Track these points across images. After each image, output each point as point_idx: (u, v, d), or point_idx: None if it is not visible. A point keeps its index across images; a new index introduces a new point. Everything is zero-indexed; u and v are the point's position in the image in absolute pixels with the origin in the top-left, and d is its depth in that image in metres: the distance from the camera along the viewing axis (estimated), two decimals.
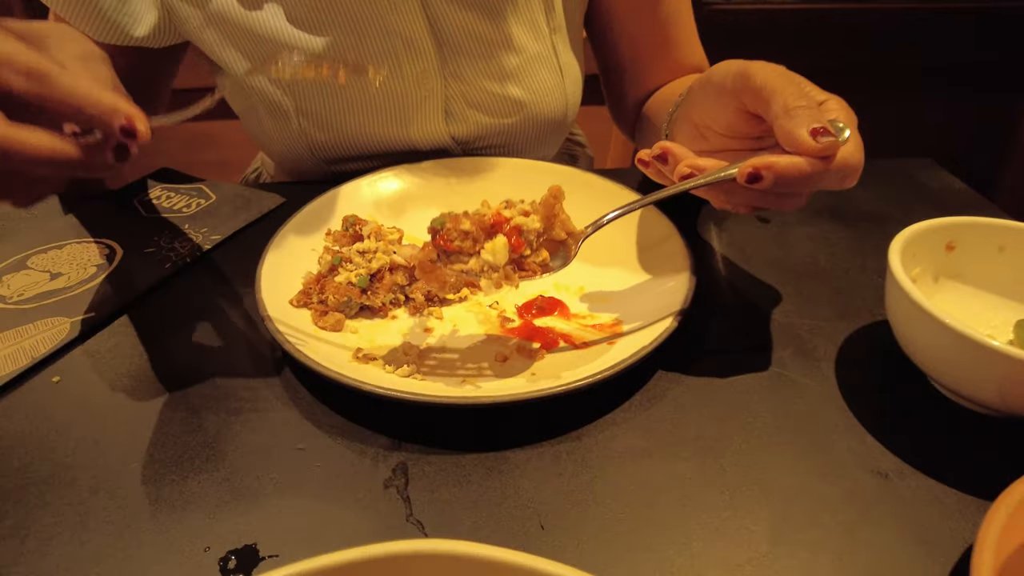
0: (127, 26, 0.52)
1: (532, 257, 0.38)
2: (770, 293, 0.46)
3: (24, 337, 0.42)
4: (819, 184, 0.35)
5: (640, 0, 0.62)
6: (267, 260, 0.43)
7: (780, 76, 0.37)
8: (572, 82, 0.61)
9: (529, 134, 0.61)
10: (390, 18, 0.53)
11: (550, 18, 0.57)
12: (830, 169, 0.34)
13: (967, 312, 0.42)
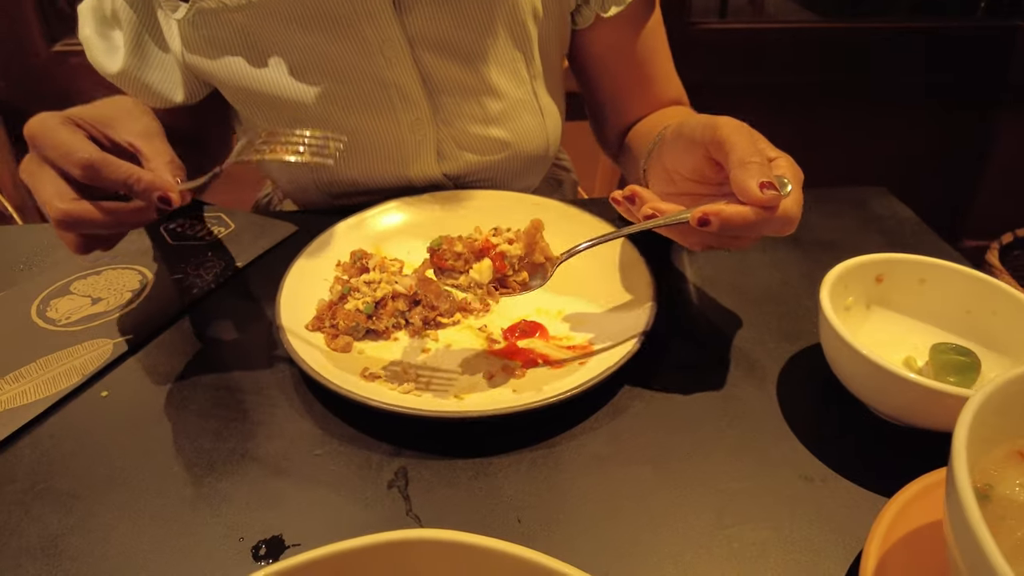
0: (169, 93, 0.60)
1: (513, 277, 0.45)
2: (727, 316, 0.53)
3: (74, 357, 0.49)
4: (762, 230, 0.41)
5: (618, 43, 0.68)
6: (284, 289, 0.50)
7: (741, 132, 0.42)
8: (552, 122, 0.67)
9: (514, 169, 0.67)
10: (386, 73, 0.59)
11: (530, 66, 0.64)
12: (772, 218, 0.40)
13: (893, 335, 0.48)
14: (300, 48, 0.58)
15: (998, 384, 0.30)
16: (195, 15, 0.57)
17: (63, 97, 1.42)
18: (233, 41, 0.58)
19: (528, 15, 0.61)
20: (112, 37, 0.60)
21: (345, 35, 0.58)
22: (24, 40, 1.31)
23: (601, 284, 0.53)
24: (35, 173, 0.42)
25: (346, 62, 0.59)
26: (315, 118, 0.61)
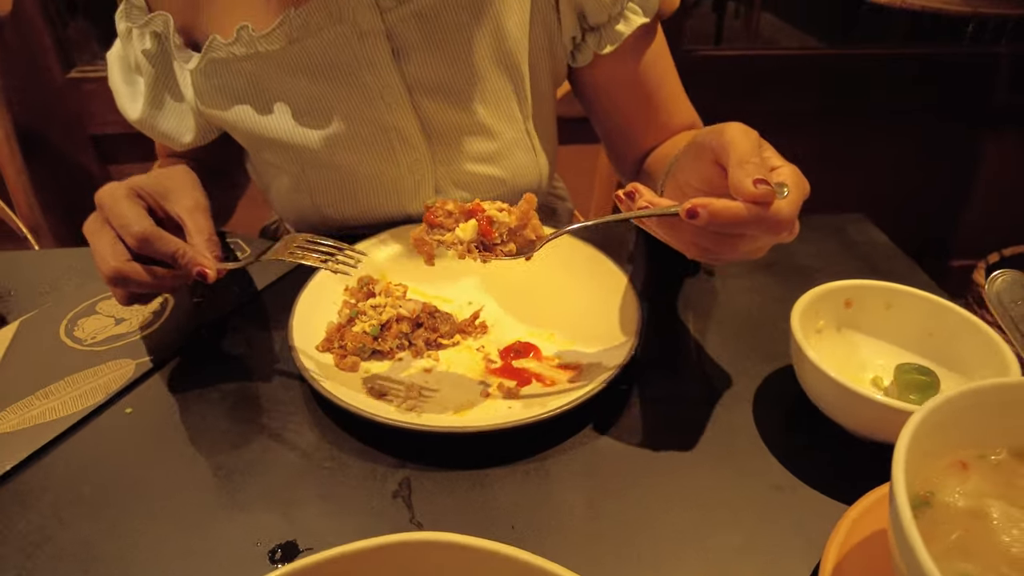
0: (180, 136, 0.66)
1: (501, 246, 0.47)
2: (709, 338, 0.56)
3: (99, 376, 0.52)
4: (752, 229, 0.40)
5: (622, 75, 0.69)
6: (296, 312, 0.54)
7: (746, 136, 0.42)
8: (544, 158, 0.71)
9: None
10: (386, 117, 0.63)
11: (522, 106, 0.67)
12: (763, 217, 0.39)
13: (862, 356, 0.52)
14: (304, 95, 0.63)
15: (937, 402, 0.34)
16: (206, 65, 0.62)
17: (76, 120, 1.47)
18: (241, 89, 0.63)
19: (520, 57, 0.65)
20: (136, 83, 0.65)
21: (347, 83, 0.62)
22: (41, 67, 1.36)
23: (592, 308, 0.57)
24: (96, 232, 0.50)
25: (348, 108, 0.63)
26: (319, 159, 0.65)
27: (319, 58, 0.61)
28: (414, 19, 0.60)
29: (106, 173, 1.51)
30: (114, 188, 0.51)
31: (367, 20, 0.59)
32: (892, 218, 1.87)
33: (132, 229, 0.49)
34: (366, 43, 0.60)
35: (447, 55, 0.62)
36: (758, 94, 1.53)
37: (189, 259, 0.49)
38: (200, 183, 0.56)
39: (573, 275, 0.60)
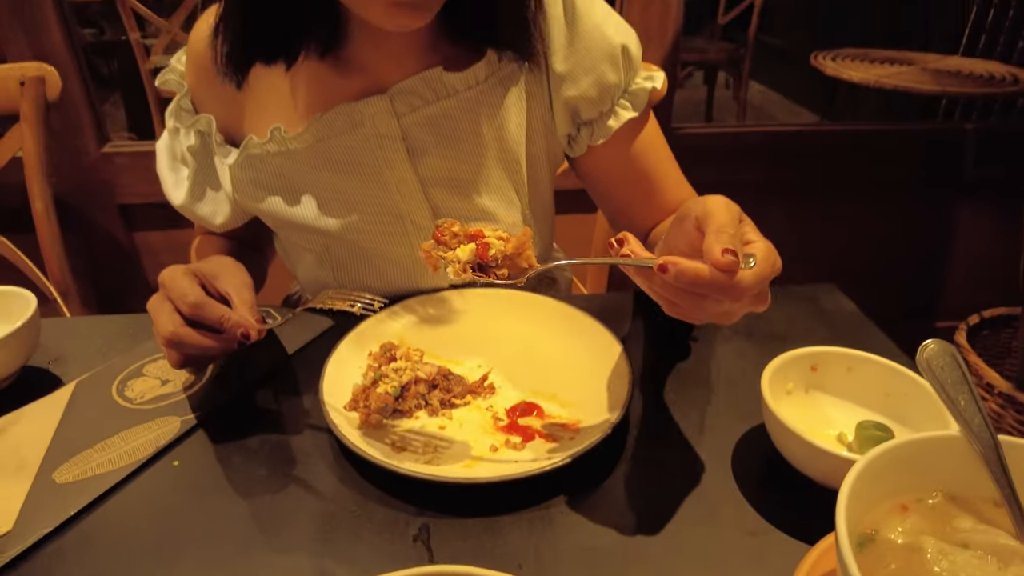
0: (213, 219, 0.75)
1: (495, 269, 0.53)
2: (693, 398, 0.63)
3: (149, 431, 0.59)
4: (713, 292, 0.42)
5: (618, 161, 0.76)
6: (326, 375, 0.60)
7: (726, 209, 0.45)
8: (542, 238, 0.79)
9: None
10: (401, 206, 0.72)
11: (520, 193, 0.75)
12: (724, 283, 0.41)
13: (828, 415, 0.58)
14: (328, 186, 0.71)
15: (877, 453, 0.40)
16: (243, 160, 0.71)
17: (106, 190, 1.57)
18: (272, 181, 0.72)
19: (519, 153, 0.73)
20: (180, 171, 0.74)
21: (367, 177, 0.70)
22: (79, 142, 1.47)
23: (589, 372, 0.64)
24: (158, 306, 0.57)
25: (367, 198, 0.71)
26: (340, 242, 0.73)
27: (342, 156, 0.69)
28: (426, 124, 0.69)
29: (131, 240, 1.60)
30: (174, 269, 0.59)
31: (385, 124, 0.68)
32: (876, 282, 1.97)
33: (187, 299, 0.56)
34: (384, 144, 0.69)
35: (455, 154, 0.71)
36: (743, 166, 1.63)
37: (234, 323, 0.57)
38: (244, 268, 0.64)
39: (573, 342, 0.67)
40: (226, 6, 0.62)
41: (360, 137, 0.69)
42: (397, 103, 0.68)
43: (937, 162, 1.72)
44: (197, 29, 0.71)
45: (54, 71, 1.15)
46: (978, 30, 2.57)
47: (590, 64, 0.70)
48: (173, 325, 0.56)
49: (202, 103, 0.73)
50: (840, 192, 1.75)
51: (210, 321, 0.57)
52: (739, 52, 3.14)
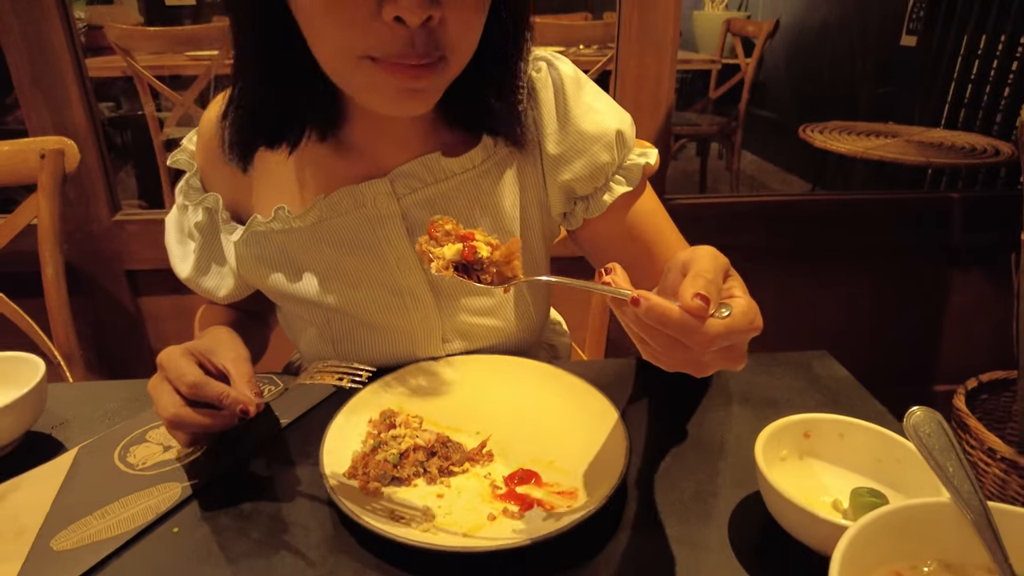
0: (217, 292, 0.77)
1: (480, 273, 0.55)
2: (689, 465, 0.64)
3: (150, 498, 0.59)
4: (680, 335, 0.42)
5: (615, 233, 0.77)
6: (326, 442, 0.61)
7: (712, 258, 0.46)
8: (539, 311, 0.81)
9: (507, 348, 0.80)
10: (400, 282, 0.74)
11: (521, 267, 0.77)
12: (690, 327, 0.42)
13: (822, 481, 0.59)
14: (330, 263, 0.73)
15: (868, 520, 0.41)
16: (248, 236, 0.74)
17: (117, 258, 1.61)
18: (275, 257, 0.74)
19: (514, 230, 0.76)
20: (187, 244, 0.77)
21: (367, 254, 0.73)
22: (92, 210, 1.51)
23: (587, 440, 0.64)
24: (158, 387, 0.60)
25: (368, 274, 0.74)
26: (341, 316, 0.75)
27: (344, 234, 0.72)
28: (425, 204, 0.72)
29: (136, 305, 1.62)
30: (171, 350, 0.61)
31: (385, 205, 0.71)
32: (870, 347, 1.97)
33: (186, 379, 0.59)
34: (384, 224, 0.72)
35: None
36: (735, 235, 1.67)
37: (232, 399, 0.58)
38: (241, 340, 0.67)
39: (570, 410, 0.68)
40: (232, 94, 0.65)
41: (362, 217, 0.71)
42: (397, 185, 0.71)
43: (926, 229, 1.76)
44: (208, 112, 0.75)
45: (73, 145, 1.21)
46: (958, 105, 2.68)
47: (583, 147, 0.73)
48: (174, 406, 0.58)
49: (210, 182, 0.76)
50: (832, 259, 1.78)
51: (209, 399, 0.59)
52: (731, 125, 3.26)
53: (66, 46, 1.38)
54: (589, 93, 0.74)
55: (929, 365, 1.95)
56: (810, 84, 4.17)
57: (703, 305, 0.41)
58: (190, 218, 0.76)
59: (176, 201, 0.78)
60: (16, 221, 1.25)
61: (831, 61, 3.89)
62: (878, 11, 3.42)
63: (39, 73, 1.39)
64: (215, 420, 0.59)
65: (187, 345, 0.63)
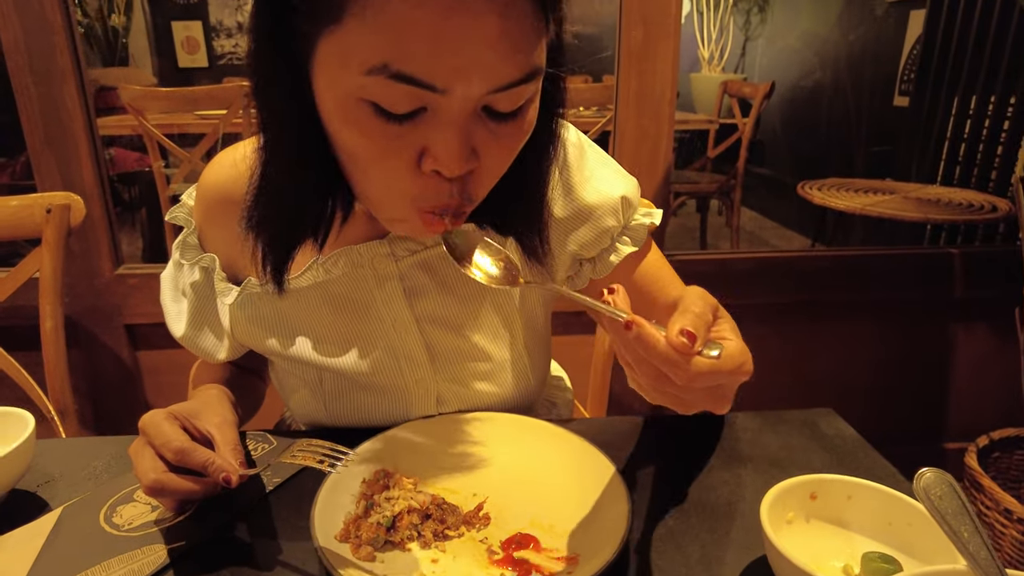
0: (215, 353, 0.76)
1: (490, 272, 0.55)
2: (693, 528, 0.61)
3: (134, 560, 0.57)
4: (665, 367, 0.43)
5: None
6: (318, 504, 0.59)
7: (700, 297, 0.47)
8: (537, 376, 0.80)
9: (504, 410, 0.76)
10: (396, 343, 0.73)
11: (513, 335, 0.77)
12: (676, 363, 0.42)
13: (831, 544, 0.56)
14: (325, 324, 0.73)
15: None
16: (243, 299, 0.73)
17: (117, 311, 1.60)
18: (270, 318, 0.73)
19: (512, 296, 0.76)
20: (181, 302, 0.76)
21: (364, 315, 0.72)
22: (94, 264, 1.52)
23: (587, 503, 0.62)
24: (140, 452, 0.59)
25: (364, 335, 0.73)
26: (334, 375, 0.74)
27: (340, 295, 0.72)
28: (422, 267, 0.72)
29: (134, 358, 1.61)
30: (154, 414, 0.61)
31: (384, 267, 0.71)
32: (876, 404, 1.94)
33: (171, 445, 0.58)
34: (382, 285, 0.71)
35: (449, 296, 0.73)
36: (734, 291, 1.67)
37: (216, 467, 0.58)
38: (228, 402, 0.66)
39: (571, 469, 0.66)
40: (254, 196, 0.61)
41: (359, 277, 0.71)
42: (396, 248, 0.70)
43: (928, 285, 1.76)
44: (209, 171, 0.73)
45: (79, 200, 1.22)
46: (952, 163, 2.72)
47: (587, 214, 0.73)
48: (155, 472, 0.57)
49: (208, 241, 0.75)
50: (834, 315, 1.78)
51: (194, 466, 0.58)
52: (729, 183, 3.31)
53: (80, 108, 1.42)
54: (592, 159, 0.74)
55: (938, 422, 1.91)
56: (807, 143, 4.26)
57: (687, 342, 0.42)
58: (185, 276, 0.75)
59: (172, 257, 0.77)
60: (18, 275, 1.26)
61: (827, 121, 3.98)
62: (871, 73, 3.53)
63: (52, 134, 1.42)
64: (197, 487, 0.58)
65: (171, 409, 0.62)
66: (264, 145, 0.57)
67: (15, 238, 1.27)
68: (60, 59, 1.38)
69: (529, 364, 0.79)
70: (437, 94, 0.47)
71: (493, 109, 0.51)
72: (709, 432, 0.77)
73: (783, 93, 4.50)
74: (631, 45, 1.41)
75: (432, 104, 0.49)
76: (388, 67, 0.46)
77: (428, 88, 0.47)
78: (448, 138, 0.49)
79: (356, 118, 0.49)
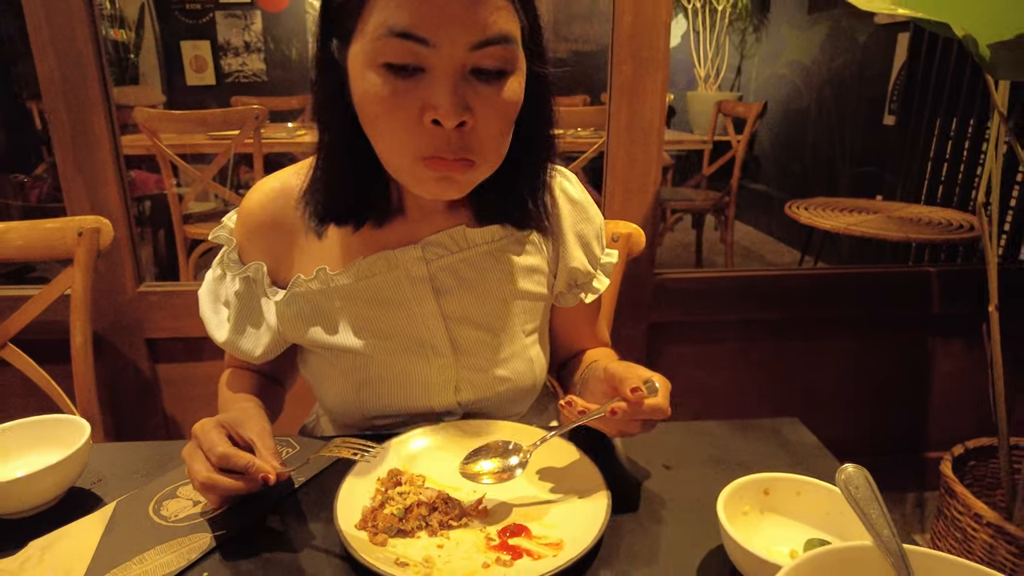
0: (252, 352, 0.86)
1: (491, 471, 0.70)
2: (664, 519, 0.70)
3: (182, 546, 0.66)
4: (641, 416, 0.69)
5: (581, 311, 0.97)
6: (340, 498, 0.69)
7: (626, 368, 0.72)
8: (539, 367, 0.91)
9: (510, 398, 0.90)
10: (424, 336, 0.84)
11: (524, 329, 0.89)
12: (640, 408, 0.68)
13: (782, 534, 0.66)
14: (362, 317, 0.84)
15: (801, 560, 0.48)
16: (290, 296, 0.84)
17: (138, 326, 1.70)
18: (313, 314, 0.84)
19: (523, 293, 0.89)
20: (221, 312, 0.87)
21: (397, 310, 0.84)
22: (118, 281, 1.62)
23: (571, 497, 0.72)
24: (192, 455, 0.69)
25: (396, 328, 0.84)
26: (368, 362, 0.85)
27: (377, 292, 0.84)
28: (450, 269, 0.85)
29: (154, 371, 1.71)
30: (205, 423, 0.71)
31: (416, 268, 0.83)
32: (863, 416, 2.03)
33: (216, 450, 0.68)
34: (415, 284, 0.84)
35: (472, 295, 0.86)
36: (725, 308, 1.77)
37: (257, 468, 0.67)
38: (265, 414, 0.77)
39: (559, 470, 0.76)
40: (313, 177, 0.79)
41: (394, 278, 0.83)
42: (427, 252, 0.84)
43: (907, 302, 1.85)
44: (251, 196, 0.86)
45: (108, 224, 1.32)
46: (935, 183, 2.82)
47: (585, 240, 0.91)
48: (206, 471, 0.67)
49: (248, 256, 0.86)
50: (819, 331, 1.87)
51: (237, 469, 0.68)
52: (723, 200, 3.41)
53: (107, 135, 1.52)
54: (585, 194, 0.92)
55: (919, 433, 2.00)
56: (801, 161, 4.36)
57: (642, 393, 0.68)
58: (228, 287, 0.87)
59: (212, 273, 0.89)
60: (51, 292, 1.35)
61: (820, 138, 4.09)
62: (863, 92, 3.64)
63: (81, 159, 1.53)
64: (241, 484, 0.68)
65: (218, 418, 0.72)
66: (319, 146, 0.77)
67: (49, 258, 1.37)
68: (91, 90, 1.49)
69: (534, 357, 0.91)
70: (429, 48, 0.64)
71: (478, 69, 0.66)
72: (684, 438, 0.87)
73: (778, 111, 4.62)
74: (622, 79, 1.52)
75: (428, 63, 0.65)
76: (391, 27, 0.63)
77: (420, 40, 0.63)
78: (443, 91, 0.65)
79: (373, 82, 0.66)
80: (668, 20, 1.49)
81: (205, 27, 5.19)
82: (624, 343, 1.70)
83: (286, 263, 0.86)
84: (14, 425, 0.78)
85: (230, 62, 5.30)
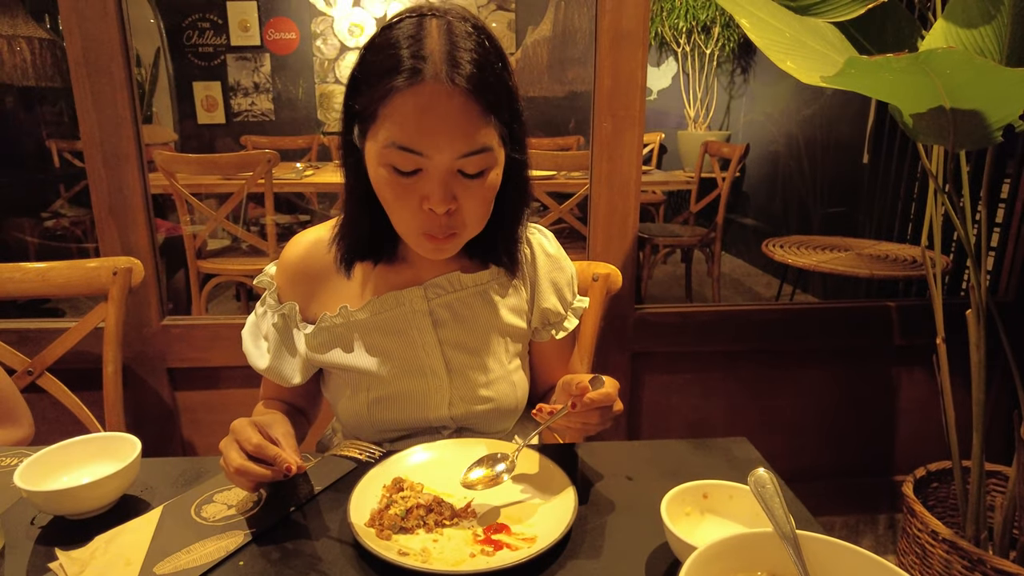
0: (292, 378, 1.02)
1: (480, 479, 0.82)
2: (623, 521, 0.84)
3: (220, 541, 0.80)
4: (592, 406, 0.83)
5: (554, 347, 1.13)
6: (352, 501, 0.83)
7: (574, 375, 0.92)
8: (521, 390, 1.07)
9: (496, 416, 1.06)
10: (423, 360, 1.00)
11: (508, 355, 1.05)
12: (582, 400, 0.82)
13: (719, 532, 0.79)
14: (375, 345, 1.01)
15: (711, 542, 0.62)
16: (317, 330, 1.01)
17: (161, 357, 1.86)
18: (335, 342, 1.01)
19: (506, 331, 1.04)
20: (261, 346, 1.02)
21: (402, 339, 1.01)
22: (144, 315, 1.77)
23: (545, 501, 0.86)
24: (228, 445, 0.83)
25: (400, 352, 1.01)
26: (376, 380, 1.01)
27: (387, 324, 1.00)
28: (446, 306, 1.02)
29: (174, 398, 1.85)
30: (241, 420, 0.86)
31: (419, 304, 1.00)
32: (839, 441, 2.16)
33: (251, 441, 0.82)
34: (417, 318, 1.00)
35: (464, 327, 1.03)
36: (700, 340, 1.92)
37: (282, 459, 0.81)
38: (290, 424, 0.92)
39: (536, 480, 0.90)
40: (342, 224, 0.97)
41: (401, 313, 1.01)
42: (428, 291, 1.01)
43: (871, 334, 2.00)
44: (290, 247, 1.04)
45: (140, 264, 1.48)
46: (905, 220, 2.99)
47: (558, 286, 1.08)
48: (240, 459, 0.81)
49: (286, 296, 1.05)
50: (789, 362, 2.01)
51: (266, 458, 0.82)
52: (710, 235, 3.58)
53: (139, 185, 1.69)
54: (560, 250, 1.10)
55: (888, 457, 2.13)
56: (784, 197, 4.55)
57: (585, 387, 0.83)
58: (268, 322, 1.04)
59: (256, 312, 1.07)
60: (85, 325, 1.50)
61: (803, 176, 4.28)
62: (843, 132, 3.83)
63: (115, 206, 1.69)
64: (269, 472, 0.82)
65: (252, 419, 0.87)
66: (346, 196, 0.95)
67: (86, 294, 1.53)
68: (126, 146, 1.66)
69: (516, 381, 1.07)
70: (424, 158, 0.81)
71: (463, 171, 0.84)
72: (648, 454, 1.01)
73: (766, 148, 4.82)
74: (602, 135, 1.69)
75: (424, 166, 0.83)
76: (395, 142, 0.81)
77: (417, 153, 0.81)
78: (435, 188, 0.83)
79: (384, 176, 0.85)
80: (643, 82, 1.67)
81: (217, 68, 5.43)
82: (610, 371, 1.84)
83: (315, 303, 1.04)
84: (76, 441, 0.92)
85: (240, 102, 5.53)
